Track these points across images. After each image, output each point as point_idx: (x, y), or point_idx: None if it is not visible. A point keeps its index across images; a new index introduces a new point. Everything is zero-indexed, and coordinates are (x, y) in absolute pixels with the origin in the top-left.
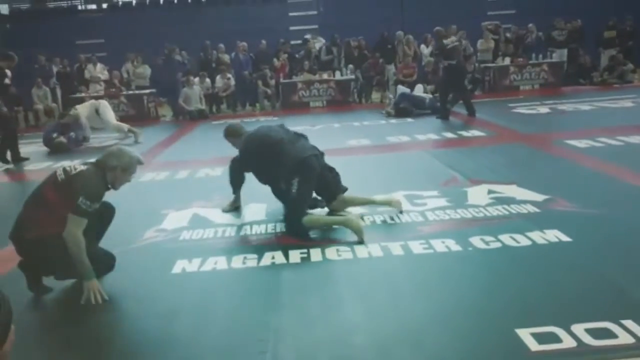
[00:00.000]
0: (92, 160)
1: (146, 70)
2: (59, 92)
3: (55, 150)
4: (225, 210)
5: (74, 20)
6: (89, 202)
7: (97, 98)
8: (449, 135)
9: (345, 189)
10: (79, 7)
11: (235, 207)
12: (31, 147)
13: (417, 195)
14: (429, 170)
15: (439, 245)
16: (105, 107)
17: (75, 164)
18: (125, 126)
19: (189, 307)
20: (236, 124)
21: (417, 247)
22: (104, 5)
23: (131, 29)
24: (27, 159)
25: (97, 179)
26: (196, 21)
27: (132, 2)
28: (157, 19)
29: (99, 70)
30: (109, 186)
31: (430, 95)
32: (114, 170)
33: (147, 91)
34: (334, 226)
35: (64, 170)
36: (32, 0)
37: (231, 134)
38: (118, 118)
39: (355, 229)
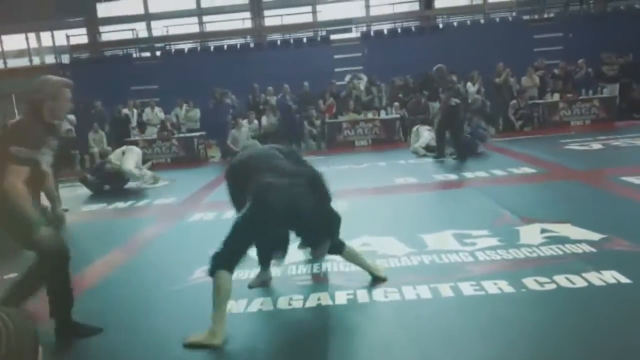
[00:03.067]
0: None
1: (197, 113)
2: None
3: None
4: (251, 286)
5: (129, 68)
6: (24, 148)
7: (150, 142)
8: (498, 172)
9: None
10: (134, 55)
11: (263, 282)
12: (84, 189)
13: (466, 234)
14: (479, 208)
15: (491, 287)
16: (130, 151)
17: None
18: (142, 174)
19: (236, 350)
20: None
21: (467, 288)
22: (158, 53)
23: (183, 75)
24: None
25: (28, 123)
26: (244, 65)
27: (184, 49)
28: (207, 65)
29: (157, 113)
30: (51, 122)
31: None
32: (44, 103)
33: (197, 134)
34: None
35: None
36: (91, 49)
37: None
38: (148, 166)
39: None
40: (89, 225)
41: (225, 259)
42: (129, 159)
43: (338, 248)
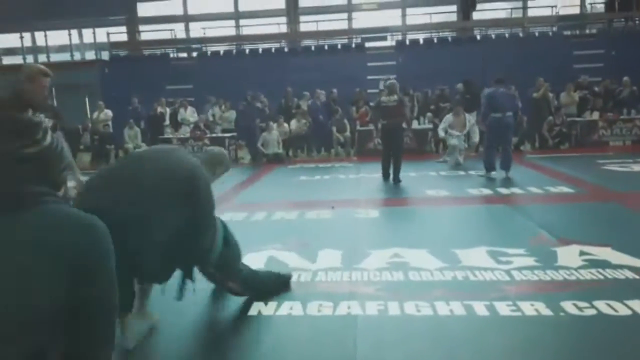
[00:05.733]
0: None
1: (232, 114)
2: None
3: None
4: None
5: (165, 67)
6: None
7: (183, 140)
8: (535, 190)
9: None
10: (171, 55)
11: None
12: None
13: (502, 252)
14: (514, 226)
15: (528, 308)
16: None
17: None
18: None
19: (264, 352)
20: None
21: (503, 308)
22: (194, 54)
23: (218, 76)
24: None
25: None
26: (279, 69)
27: (220, 51)
28: (242, 67)
29: (189, 114)
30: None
31: None
32: (22, 84)
33: (229, 134)
34: None
35: None
36: (130, 47)
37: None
38: None
39: None
40: None
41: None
42: None
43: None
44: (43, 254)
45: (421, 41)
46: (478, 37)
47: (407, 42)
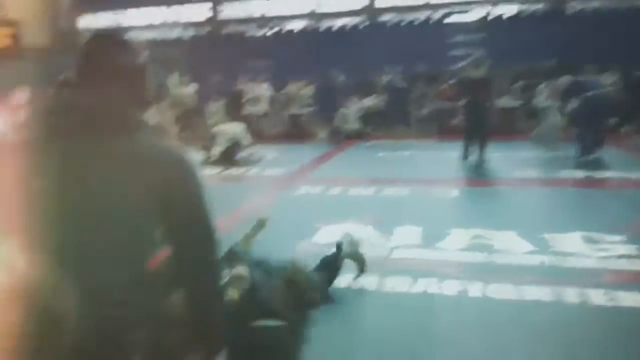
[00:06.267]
0: None
1: (309, 90)
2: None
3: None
4: None
5: (244, 45)
6: None
7: (259, 116)
8: (635, 175)
9: None
10: (249, 34)
11: None
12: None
13: (597, 238)
14: (611, 211)
15: (626, 299)
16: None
17: None
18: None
19: (335, 325)
20: None
21: (597, 297)
22: (272, 32)
23: (295, 53)
24: None
25: None
26: (357, 45)
27: (297, 28)
28: (319, 43)
29: (264, 91)
30: None
31: None
32: None
33: (306, 110)
34: None
35: None
36: (211, 25)
37: None
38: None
39: None
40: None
41: None
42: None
43: None
44: (141, 177)
45: (508, 15)
46: (572, 10)
47: (493, 17)
